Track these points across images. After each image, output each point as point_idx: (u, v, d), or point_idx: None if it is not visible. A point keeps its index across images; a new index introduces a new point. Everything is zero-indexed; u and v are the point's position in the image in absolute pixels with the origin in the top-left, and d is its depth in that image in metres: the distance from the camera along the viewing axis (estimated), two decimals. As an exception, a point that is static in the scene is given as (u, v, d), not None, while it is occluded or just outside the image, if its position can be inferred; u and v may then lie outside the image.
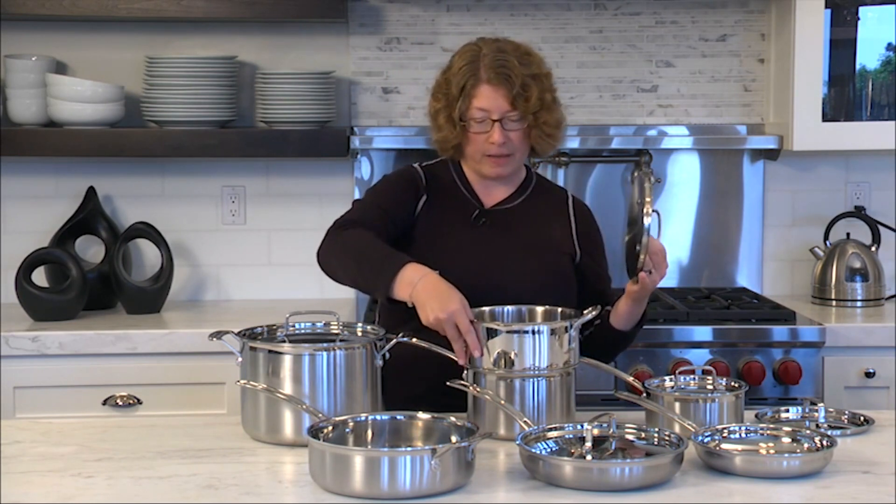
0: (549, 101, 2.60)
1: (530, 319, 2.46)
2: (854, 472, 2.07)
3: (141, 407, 3.36)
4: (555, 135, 2.64)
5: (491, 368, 2.27)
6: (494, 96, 2.55)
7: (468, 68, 2.58)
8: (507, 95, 2.55)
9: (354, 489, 1.91)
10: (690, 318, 3.44)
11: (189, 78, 3.66)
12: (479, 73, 2.56)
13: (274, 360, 2.26)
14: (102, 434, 2.35)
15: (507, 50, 2.59)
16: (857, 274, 3.79)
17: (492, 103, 2.56)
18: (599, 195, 3.93)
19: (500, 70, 2.55)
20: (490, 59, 2.56)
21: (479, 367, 2.29)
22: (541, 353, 2.27)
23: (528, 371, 2.27)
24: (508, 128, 2.57)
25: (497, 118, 2.56)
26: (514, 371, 2.26)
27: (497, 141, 2.56)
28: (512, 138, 2.58)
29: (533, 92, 2.56)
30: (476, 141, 2.59)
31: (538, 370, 2.27)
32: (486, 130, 2.57)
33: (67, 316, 3.52)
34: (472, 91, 2.56)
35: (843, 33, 3.76)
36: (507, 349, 2.26)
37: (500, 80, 2.55)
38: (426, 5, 3.88)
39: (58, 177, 3.86)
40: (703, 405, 2.29)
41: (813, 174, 3.98)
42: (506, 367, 2.27)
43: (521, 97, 2.55)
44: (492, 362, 2.27)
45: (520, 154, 2.64)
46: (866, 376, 3.41)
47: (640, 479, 1.95)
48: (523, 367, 2.26)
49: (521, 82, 2.55)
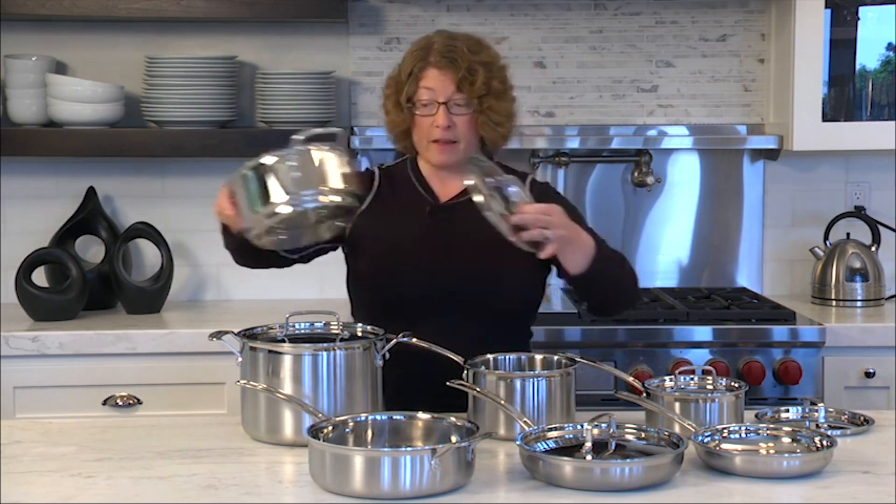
0: (496, 88, 2.58)
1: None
2: (854, 472, 2.07)
3: (141, 407, 3.36)
4: (504, 125, 2.61)
5: (253, 216, 2.27)
6: (441, 79, 2.55)
7: (418, 54, 2.59)
8: (454, 78, 2.55)
9: (354, 489, 1.91)
10: (690, 318, 3.45)
11: (189, 78, 3.66)
12: (428, 57, 2.57)
13: (274, 360, 2.26)
14: (102, 434, 2.35)
15: (457, 38, 2.61)
16: (857, 274, 3.79)
17: (438, 85, 2.55)
18: (599, 195, 3.93)
19: (447, 54, 2.56)
20: (439, 45, 2.58)
21: (250, 219, 2.28)
22: (303, 179, 2.24)
23: (288, 203, 2.23)
24: (454, 112, 2.56)
25: (443, 101, 2.55)
26: (275, 204, 2.22)
27: (441, 124, 2.55)
28: (457, 123, 2.56)
29: (479, 76, 2.55)
30: (422, 125, 2.59)
31: (303, 198, 2.22)
32: (432, 114, 2.56)
33: (67, 316, 3.52)
34: (420, 74, 2.57)
35: (843, 33, 3.76)
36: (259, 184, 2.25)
37: (446, 63, 2.55)
38: (426, 5, 3.88)
39: (58, 177, 3.86)
40: (703, 405, 2.29)
41: (813, 174, 3.98)
42: (265, 204, 2.23)
43: (467, 80, 2.55)
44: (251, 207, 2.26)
45: (466, 142, 2.59)
46: (866, 376, 3.41)
47: (640, 479, 1.95)
48: (283, 199, 2.23)
49: (467, 66, 2.55)
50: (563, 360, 2.41)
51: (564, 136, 3.87)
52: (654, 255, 3.96)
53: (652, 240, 3.96)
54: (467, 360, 2.36)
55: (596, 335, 3.39)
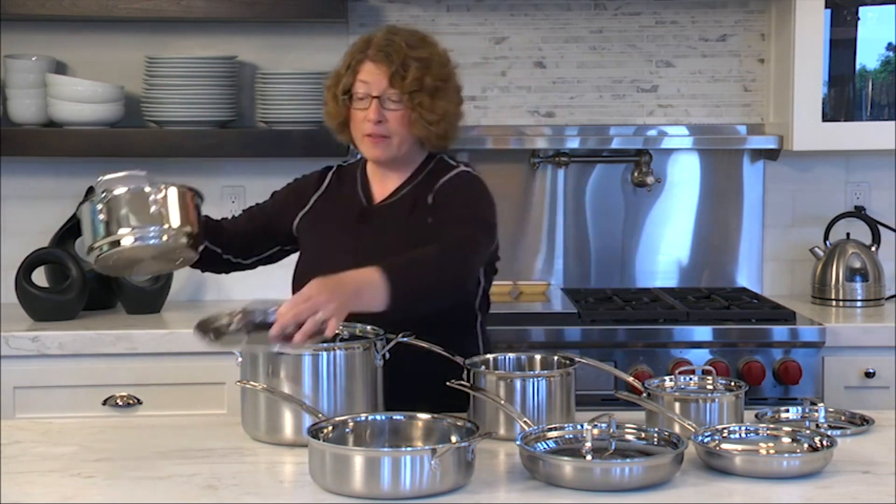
0: (430, 85, 2.52)
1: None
2: (854, 472, 2.07)
3: (141, 407, 3.36)
4: (437, 123, 2.54)
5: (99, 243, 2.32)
6: (376, 72, 2.53)
7: (359, 46, 2.58)
8: (387, 73, 2.53)
9: (354, 489, 1.91)
10: (690, 318, 3.45)
11: (189, 78, 3.66)
12: (367, 51, 2.56)
13: (274, 360, 2.26)
14: (102, 434, 2.35)
15: (398, 33, 2.58)
16: (857, 274, 3.79)
17: (372, 78, 2.53)
18: (599, 195, 3.93)
19: (384, 49, 2.53)
20: (379, 39, 2.56)
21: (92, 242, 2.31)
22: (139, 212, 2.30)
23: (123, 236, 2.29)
24: (387, 107, 2.53)
25: (376, 95, 2.53)
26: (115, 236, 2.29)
27: (372, 118, 2.52)
28: (389, 119, 2.53)
29: (411, 71, 2.52)
30: (356, 118, 2.57)
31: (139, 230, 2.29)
32: (366, 108, 2.54)
33: (67, 316, 3.52)
34: (357, 67, 2.55)
35: (843, 33, 3.76)
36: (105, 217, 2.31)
37: (382, 57, 2.53)
38: (426, 5, 3.88)
39: (58, 177, 3.86)
40: (703, 405, 2.29)
41: (813, 174, 3.98)
42: (107, 234, 2.30)
43: (399, 75, 2.52)
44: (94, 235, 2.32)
45: (398, 139, 2.55)
46: (866, 376, 3.41)
47: (640, 479, 1.95)
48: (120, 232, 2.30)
49: (401, 60, 2.52)
50: (563, 360, 2.41)
51: (564, 136, 3.87)
52: (654, 255, 3.96)
53: (652, 240, 3.96)
54: (466, 361, 2.36)
55: (596, 335, 3.39)
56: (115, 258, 2.33)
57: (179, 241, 2.35)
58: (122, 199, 2.30)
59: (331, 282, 2.19)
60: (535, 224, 3.93)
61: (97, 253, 2.32)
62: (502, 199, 3.89)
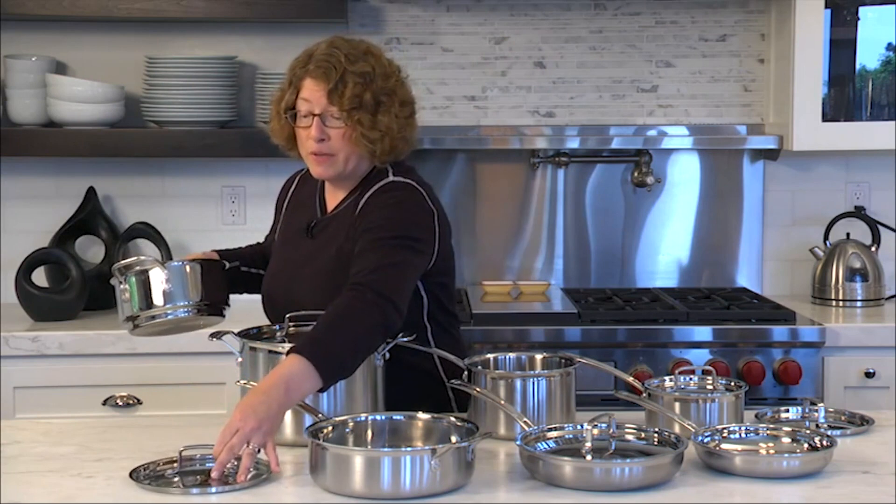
0: (369, 101, 2.40)
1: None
2: (854, 472, 2.08)
3: (141, 407, 3.36)
4: (378, 141, 2.41)
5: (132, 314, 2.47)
6: (315, 89, 2.41)
7: (300, 61, 2.47)
8: (325, 89, 2.41)
9: (354, 489, 1.91)
10: (690, 318, 3.45)
11: (189, 78, 3.66)
12: (308, 65, 2.44)
13: (274, 361, 2.26)
14: (102, 434, 2.35)
15: (339, 46, 2.45)
16: (857, 274, 3.79)
17: (313, 96, 2.42)
18: (599, 195, 3.93)
19: (323, 63, 2.41)
20: (320, 53, 2.44)
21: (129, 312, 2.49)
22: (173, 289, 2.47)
23: (159, 311, 2.45)
24: (329, 125, 2.41)
25: (318, 112, 2.41)
26: (149, 311, 2.46)
27: (314, 136, 2.41)
28: (332, 136, 2.42)
29: (349, 88, 2.39)
30: (301, 137, 2.47)
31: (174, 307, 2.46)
32: (309, 125, 2.44)
33: (67, 316, 3.52)
34: (299, 84, 2.45)
35: (843, 33, 3.76)
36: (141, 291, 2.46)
37: (320, 73, 2.41)
38: (426, 5, 3.88)
39: (58, 177, 3.86)
40: (703, 405, 2.29)
41: (813, 174, 3.98)
42: (145, 308, 2.47)
43: (336, 92, 2.40)
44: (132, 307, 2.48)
45: (343, 155, 2.42)
46: (866, 376, 3.41)
47: (640, 479, 1.95)
48: (155, 307, 2.45)
49: (339, 76, 2.40)
50: (563, 360, 2.41)
51: (564, 136, 3.87)
52: (654, 255, 3.96)
53: (652, 240, 3.96)
54: (466, 361, 2.37)
55: (596, 335, 3.39)
56: (142, 333, 2.51)
57: (193, 314, 2.48)
58: (138, 280, 2.45)
59: (254, 401, 2.08)
60: (535, 224, 3.93)
61: (127, 329, 2.51)
62: (502, 199, 3.90)
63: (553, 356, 2.46)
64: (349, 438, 2.10)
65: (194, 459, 2.10)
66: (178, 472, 2.05)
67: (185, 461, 2.08)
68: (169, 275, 2.44)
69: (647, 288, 3.89)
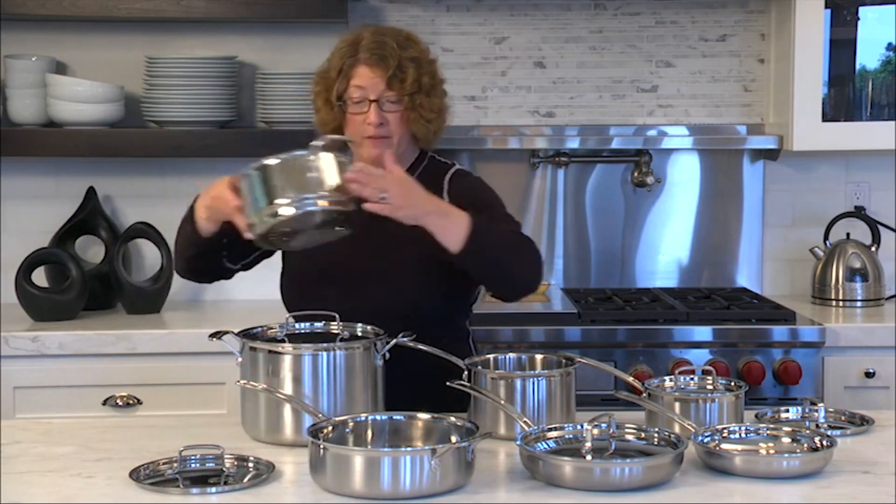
0: (426, 84, 2.57)
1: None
2: (854, 472, 2.07)
3: (141, 407, 3.36)
4: (434, 120, 2.61)
5: (261, 217, 2.26)
6: (371, 76, 2.54)
7: (347, 50, 2.58)
8: (384, 76, 2.54)
9: (354, 489, 1.91)
10: (690, 318, 3.45)
11: (189, 78, 3.66)
12: (357, 54, 2.56)
13: (274, 361, 2.26)
14: (102, 434, 2.35)
15: (386, 33, 2.60)
16: (857, 274, 3.79)
17: (368, 83, 2.54)
18: (599, 195, 3.93)
19: (377, 51, 2.55)
20: (368, 42, 2.57)
21: (255, 218, 2.27)
22: (307, 179, 2.27)
23: (295, 202, 2.24)
24: (386, 109, 2.55)
25: (374, 98, 2.54)
26: (281, 204, 2.24)
27: (373, 121, 2.54)
28: (389, 120, 2.56)
29: (409, 73, 2.55)
30: (354, 122, 2.58)
31: (306, 199, 2.25)
32: (364, 111, 2.55)
33: (67, 316, 3.52)
34: (350, 72, 2.56)
35: (843, 33, 3.77)
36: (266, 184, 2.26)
37: (376, 60, 2.54)
38: (426, 5, 3.88)
39: (58, 177, 3.86)
40: (703, 405, 2.29)
41: (813, 174, 3.98)
42: (270, 204, 2.25)
43: (397, 78, 2.54)
44: (258, 207, 2.26)
45: (398, 138, 2.58)
46: (866, 376, 3.41)
47: (640, 479, 1.95)
48: (289, 198, 2.25)
49: (397, 63, 2.54)
50: (563, 360, 2.41)
51: (564, 136, 3.87)
52: (654, 255, 3.96)
53: (652, 240, 3.96)
54: (466, 361, 2.37)
55: (596, 335, 3.39)
56: (275, 229, 2.28)
57: (338, 206, 2.28)
58: (275, 169, 2.28)
59: (418, 190, 2.34)
60: (535, 224, 3.93)
61: (258, 229, 2.28)
62: (502, 198, 3.89)
63: (553, 356, 2.46)
64: (349, 438, 2.10)
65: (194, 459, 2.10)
66: (178, 472, 2.05)
67: (185, 461, 2.08)
68: (292, 164, 2.27)
69: (647, 288, 3.89)
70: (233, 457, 2.09)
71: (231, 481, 2.01)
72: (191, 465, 2.08)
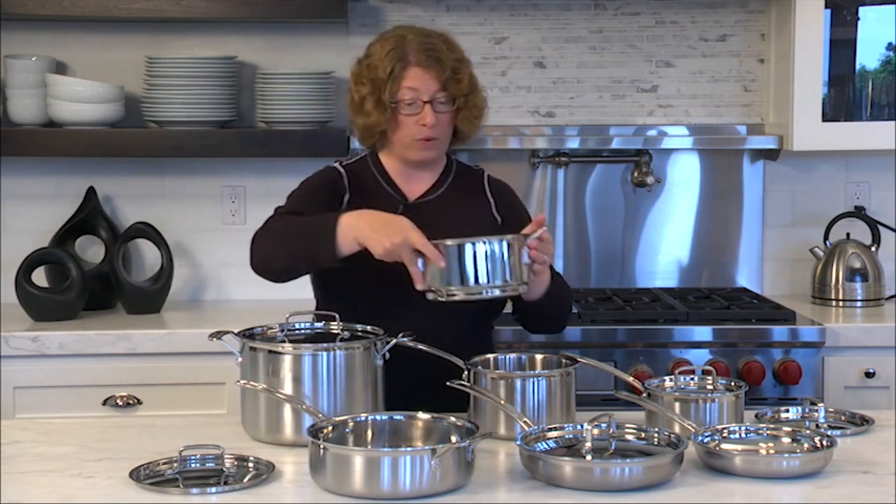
0: (475, 83, 2.66)
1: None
2: (854, 472, 2.08)
3: (141, 407, 3.36)
4: (480, 118, 2.69)
5: (446, 289, 2.29)
6: (425, 77, 2.56)
7: (395, 52, 2.58)
8: (438, 77, 2.56)
9: (354, 489, 1.91)
10: (690, 318, 3.45)
11: (189, 78, 3.66)
12: (407, 56, 2.57)
13: (274, 360, 2.26)
14: (102, 434, 2.35)
15: (431, 35, 2.63)
16: (857, 274, 3.79)
17: (422, 84, 2.56)
18: (599, 195, 3.93)
19: (430, 53, 2.57)
20: (417, 44, 2.58)
21: (439, 285, 2.29)
22: (498, 266, 2.30)
23: (483, 288, 2.29)
24: (438, 110, 2.58)
25: (427, 99, 2.56)
26: (470, 288, 2.29)
27: (429, 122, 2.56)
28: (441, 121, 2.59)
29: (464, 75, 2.61)
30: (406, 124, 2.58)
31: (495, 286, 2.30)
32: (417, 112, 2.57)
33: (67, 316, 3.52)
34: (402, 73, 2.56)
35: (843, 33, 3.76)
36: (464, 265, 2.29)
37: (430, 62, 2.57)
38: (426, 5, 3.88)
39: (58, 177, 3.86)
40: (703, 405, 2.29)
41: (813, 174, 3.98)
42: (462, 283, 2.28)
43: (453, 79, 2.58)
44: (447, 280, 2.29)
45: (445, 138, 2.64)
46: (866, 376, 3.41)
47: (640, 479, 1.95)
48: (480, 284, 2.29)
49: (451, 66, 2.58)
50: (563, 360, 2.41)
51: (564, 136, 3.87)
52: (654, 255, 3.96)
53: (652, 240, 3.96)
54: (467, 361, 2.37)
55: (596, 335, 3.39)
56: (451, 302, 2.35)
57: (512, 292, 2.37)
58: (466, 250, 2.31)
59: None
60: (535, 224, 3.93)
61: (431, 294, 2.34)
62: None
63: (553, 356, 2.46)
64: (349, 438, 2.10)
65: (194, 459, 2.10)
66: (178, 472, 2.05)
67: (185, 461, 2.08)
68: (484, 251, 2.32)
69: (647, 288, 3.89)
70: (233, 457, 2.10)
71: (231, 481, 2.02)
72: (191, 465, 2.08)
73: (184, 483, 2.02)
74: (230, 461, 2.09)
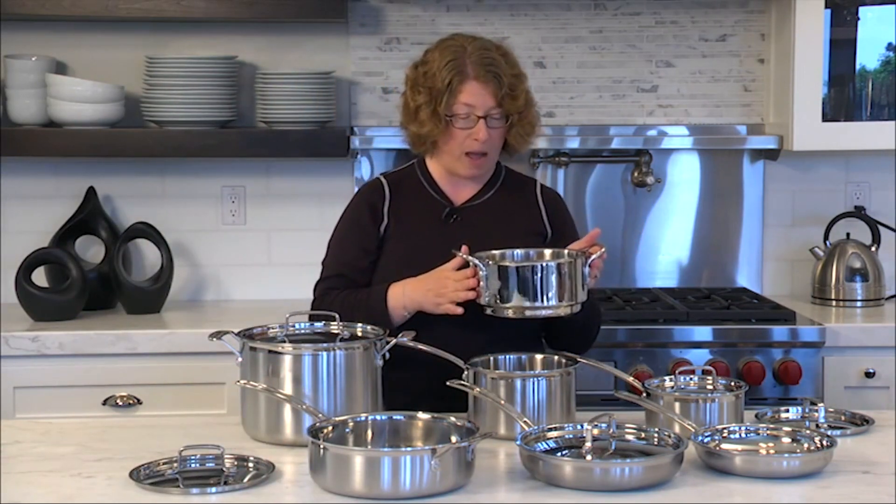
0: (531, 99, 2.66)
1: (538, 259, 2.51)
2: (854, 472, 2.08)
3: (141, 407, 3.36)
4: (532, 134, 2.69)
5: (508, 305, 2.38)
6: (482, 93, 2.56)
7: (454, 64, 2.57)
8: (495, 93, 2.56)
9: (354, 489, 1.91)
10: (690, 318, 3.44)
11: (189, 78, 3.66)
12: (465, 69, 2.56)
13: (274, 360, 2.27)
14: (102, 434, 2.35)
15: (490, 48, 2.61)
16: (857, 274, 3.79)
17: (478, 100, 2.56)
18: (599, 195, 3.93)
19: (489, 68, 2.56)
20: (477, 57, 2.57)
21: (496, 302, 2.40)
22: (554, 287, 2.38)
23: (543, 307, 2.37)
24: (491, 125, 2.58)
25: (482, 115, 2.56)
26: (532, 307, 2.38)
27: (482, 138, 2.57)
28: (493, 136, 2.59)
29: (521, 91, 2.60)
30: (458, 137, 2.59)
31: (552, 306, 2.38)
32: (470, 127, 2.57)
33: (67, 316, 3.52)
34: (459, 87, 2.56)
35: (843, 33, 3.76)
36: (522, 286, 2.37)
37: (488, 77, 2.56)
38: (426, 5, 3.88)
39: (58, 177, 3.86)
40: (703, 405, 2.29)
41: (813, 174, 3.98)
42: (524, 297, 2.37)
43: (509, 96, 2.58)
44: (505, 298, 2.38)
45: (494, 153, 2.65)
46: (866, 376, 3.41)
47: (640, 479, 1.95)
48: (538, 304, 2.37)
49: (509, 82, 2.58)
50: (563, 360, 2.41)
51: (564, 136, 3.87)
52: (654, 255, 3.96)
53: (652, 240, 3.96)
54: (468, 361, 2.37)
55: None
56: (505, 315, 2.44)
57: (565, 310, 2.44)
58: (525, 270, 2.40)
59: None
60: (535, 224, 3.93)
61: (488, 310, 2.44)
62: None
63: (553, 356, 2.46)
64: (349, 438, 2.10)
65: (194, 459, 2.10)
66: (178, 472, 2.05)
67: (185, 461, 2.08)
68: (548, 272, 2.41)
69: (647, 288, 3.89)
70: (233, 457, 2.10)
71: (231, 481, 2.02)
72: (191, 465, 2.08)
73: (184, 483, 2.02)
74: (230, 461, 2.09)
